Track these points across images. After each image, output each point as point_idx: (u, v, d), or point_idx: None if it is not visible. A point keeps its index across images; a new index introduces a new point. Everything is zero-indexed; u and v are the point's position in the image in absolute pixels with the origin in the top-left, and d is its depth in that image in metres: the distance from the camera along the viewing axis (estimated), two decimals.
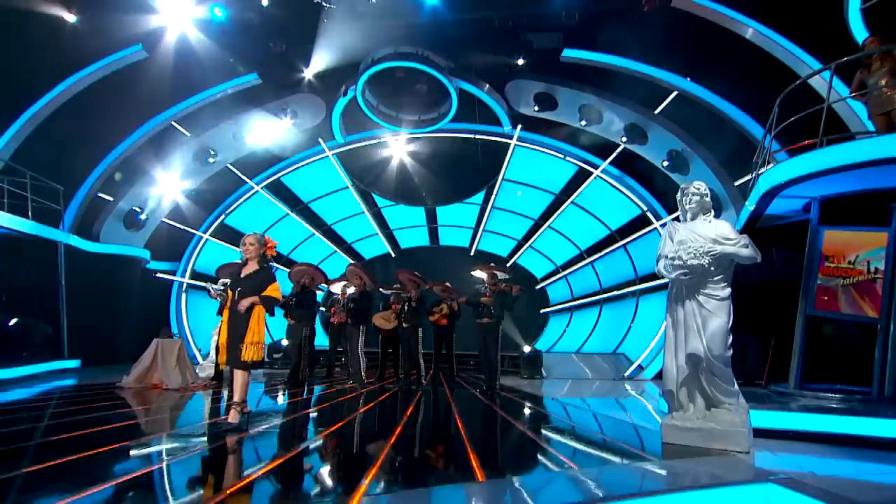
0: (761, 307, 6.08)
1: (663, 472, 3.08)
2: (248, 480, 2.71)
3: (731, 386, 3.77)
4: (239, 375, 4.23)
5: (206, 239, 12.29)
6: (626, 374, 9.76)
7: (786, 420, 4.14)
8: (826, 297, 5.24)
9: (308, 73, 10.94)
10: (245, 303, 4.07)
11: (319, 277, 7.92)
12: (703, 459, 3.26)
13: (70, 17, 8.73)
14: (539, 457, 3.71)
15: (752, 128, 8.38)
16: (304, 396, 6.55)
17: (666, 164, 9.44)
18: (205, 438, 3.87)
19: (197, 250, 12.20)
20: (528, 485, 2.79)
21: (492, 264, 7.64)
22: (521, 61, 10.69)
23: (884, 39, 5.41)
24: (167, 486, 2.70)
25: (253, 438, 3.86)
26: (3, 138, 8.66)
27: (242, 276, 4.36)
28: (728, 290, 3.84)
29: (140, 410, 5.34)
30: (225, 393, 6.81)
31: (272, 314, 4.39)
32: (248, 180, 12.38)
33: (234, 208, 12.55)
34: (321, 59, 10.79)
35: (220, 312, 4.58)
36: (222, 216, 12.46)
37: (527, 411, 5.95)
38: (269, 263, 4.59)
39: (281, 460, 3.21)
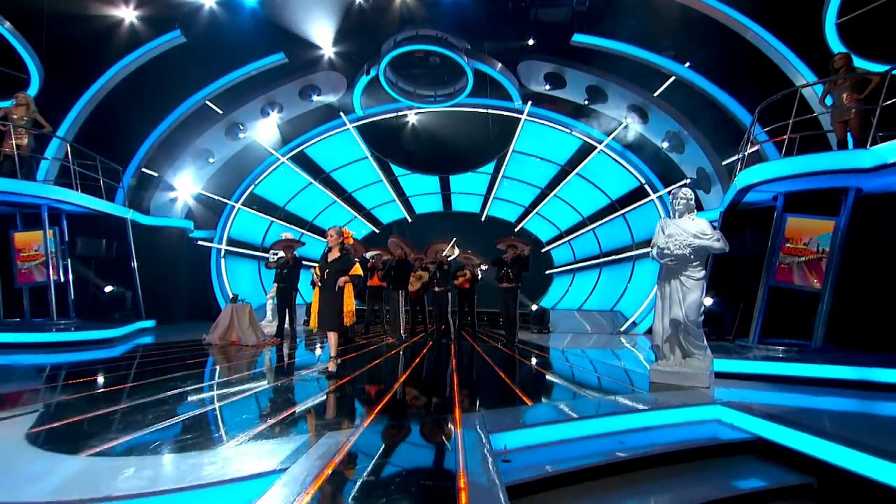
0: (734, 277, 7.47)
1: (650, 399, 4.49)
2: (380, 406, 4.06)
3: (701, 342, 5.16)
4: (332, 336, 5.56)
5: (238, 208, 13.37)
6: (622, 328, 11.28)
7: (743, 366, 5.53)
8: (784, 271, 6.59)
9: (331, 51, 11.66)
10: (342, 281, 5.32)
11: (361, 248, 9.17)
12: (677, 392, 4.68)
13: (123, 10, 9.37)
14: (562, 389, 5.13)
15: (739, 113, 9.43)
16: (362, 351, 7.92)
17: (666, 145, 10.53)
18: (322, 380, 5.20)
19: (231, 219, 13.30)
20: (562, 405, 4.19)
21: (512, 237, 8.89)
22: (531, 41, 11.48)
23: (849, 57, 6.49)
24: (337, 399, 4.06)
25: (353, 381, 5.22)
26: (65, 122, 9.55)
27: (329, 260, 5.59)
28: (703, 273, 5.14)
29: (250, 362, 6.62)
30: (286, 348, 8.22)
31: (357, 288, 5.66)
32: (273, 152, 13.30)
33: (262, 179, 13.55)
34: (343, 38, 11.49)
35: (313, 284, 5.77)
36: (251, 186, 13.49)
37: (544, 359, 7.40)
38: (346, 249, 5.79)
39: (389, 395, 4.57)
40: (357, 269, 5.54)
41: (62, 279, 8.22)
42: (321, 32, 11.37)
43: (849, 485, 3.11)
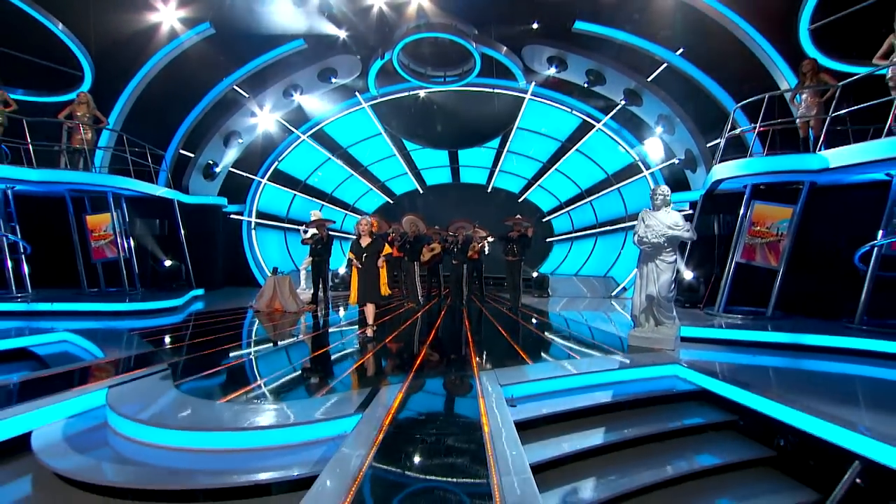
0: (708, 254, 8.63)
1: (627, 358, 5.76)
2: (416, 364, 5.35)
3: (670, 313, 6.39)
4: (370, 307, 6.81)
5: (265, 183, 14.44)
6: (613, 293, 12.58)
7: (704, 332, 6.74)
8: (749, 250, 7.74)
9: (347, 38, 12.33)
10: (381, 263, 6.50)
11: (385, 226, 10.34)
12: (649, 354, 5.94)
13: (161, 8, 10.10)
14: (556, 350, 6.42)
15: (724, 99, 10.28)
16: (390, 316, 9.20)
17: (660, 129, 11.42)
18: (365, 343, 6.50)
19: (258, 193, 14.40)
20: (555, 363, 5.48)
21: (518, 216, 9.99)
22: (536, 25, 12.12)
23: (815, 63, 7.37)
24: (381, 359, 5.36)
25: (389, 343, 6.52)
26: (113, 113, 10.52)
27: (364, 246, 6.73)
28: (674, 257, 6.28)
29: (300, 328, 7.94)
30: (320, 313, 9.52)
31: (385, 264, 6.84)
32: (295, 130, 14.21)
33: (285, 155, 14.53)
34: (359, 25, 12.15)
35: (349, 264, 6.96)
36: (275, 163, 14.49)
37: (543, 322, 8.69)
38: (376, 235, 6.93)
39: (421, 356, 5.87)
40: (386, 249, 6.71)
41: (127, 255, 9.50)
42: (339, 20, 12.02)
43: (761, 421, 4.38)
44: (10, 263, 8.49)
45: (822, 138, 6.58)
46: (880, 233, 6.33)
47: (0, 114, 8.23)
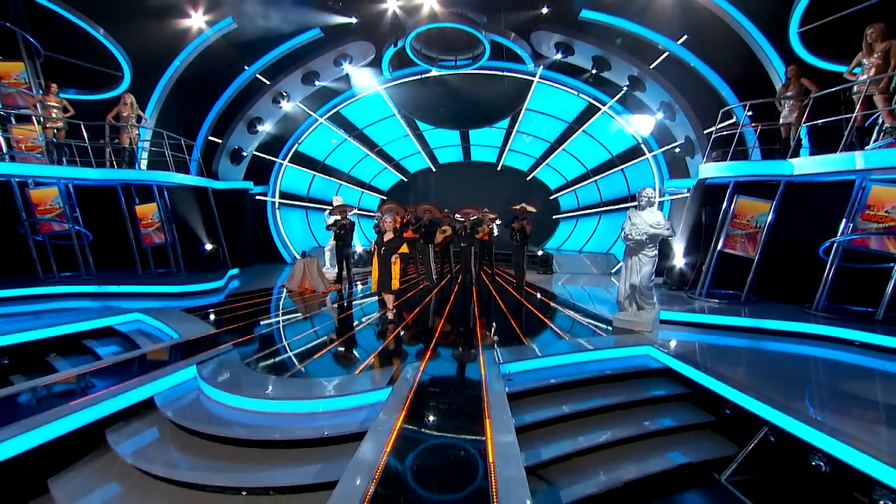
0: (695, 243, 9.48)
1: (610, 340, 6.78)
2: (432, 343, 6.45)
3: (650, 300, 7.36)
4: (387, 295, 7.86)
5: (286, 165, 15.36)
6: (614, 270, 13.51)
7: (682, 316, 7.67)
8: (730, 241, 8.58)
9: (361, 24, 12.90)
10: (393, 259, 7.50)
11: (402, 212, 11.31)
12: (630, 335, 6.95)
13: (188, 9, 10.81)
14: (551, 329, 7.44)
15: (721, 88, 10.81)
16: (407, 296, 10.26)
17: (661, 115, 12.00)
18: (387, 324, 7.63)
19: (280, 174, 15.35)
20: (548, 344, 6.53)
21: (523, 204, 10.86)
22: (545, 10, 12.55)
23: (799, 69, 7.97)
24: (402, 339, 6.47)
25: (408, 324, 7.62)
26: (148, 109, 11.44)
27: (385, 241, 7.70)
28: (655, 252, 7.19)
29: (329, 309, 9.04)
30: (345, 292, 10.65)
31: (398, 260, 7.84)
32: (312, 113, 14.98)
33: (304, 138, 15.37)
34: (373, 13, 12.69)
35: (371, 253, 7.99)
36: (295, 145, 15.35)
37: (543, 301, 9.71)
38: (397, 232, 7.90)
39: (436, 336, 6.96)
40: (404, 248, 7.69)
41: (172, 240, 10.65)
42: (353, 10, 12.57)
43: (710, 394, 5.41)
44: (77, 249, 9.70)
45: (795, 140, 7.30)
46: (840, 229, 7.13)
47: (61, 119, 9.22)
